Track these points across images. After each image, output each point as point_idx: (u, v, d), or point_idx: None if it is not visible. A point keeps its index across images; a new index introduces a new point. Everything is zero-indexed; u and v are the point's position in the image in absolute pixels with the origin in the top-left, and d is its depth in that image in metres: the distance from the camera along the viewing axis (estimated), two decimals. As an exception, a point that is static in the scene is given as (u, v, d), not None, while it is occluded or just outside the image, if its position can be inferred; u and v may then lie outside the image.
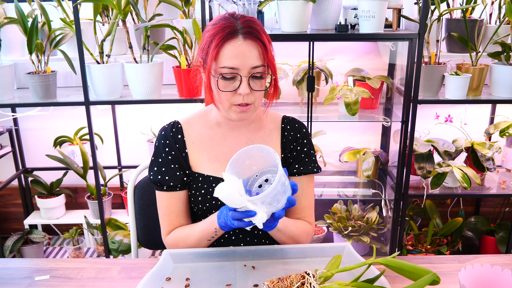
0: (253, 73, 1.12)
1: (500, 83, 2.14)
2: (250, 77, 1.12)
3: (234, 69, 1.10)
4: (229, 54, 1.10)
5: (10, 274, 1.17)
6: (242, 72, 1.11)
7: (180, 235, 1.24)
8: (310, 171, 1.28)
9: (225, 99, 1.14)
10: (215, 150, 1.25)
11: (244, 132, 1.27)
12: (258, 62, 1.11)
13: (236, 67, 1.10)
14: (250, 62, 1.10)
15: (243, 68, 1.10)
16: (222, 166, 1.24)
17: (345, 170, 2.62)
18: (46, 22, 2.12)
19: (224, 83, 1.12)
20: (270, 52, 1.13)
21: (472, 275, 0.96)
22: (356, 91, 2.17)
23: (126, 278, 1.14)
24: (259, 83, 1.14)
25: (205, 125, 1.27)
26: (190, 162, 1.25)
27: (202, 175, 1.24)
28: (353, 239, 2.37)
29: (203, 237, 1.19)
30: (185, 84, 2.13)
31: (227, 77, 1.11)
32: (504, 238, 2.49)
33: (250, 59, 1.10)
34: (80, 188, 2.81)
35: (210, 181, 1.23)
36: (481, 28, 2.18)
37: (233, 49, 1.10)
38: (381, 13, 1.98)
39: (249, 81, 1.12)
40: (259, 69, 1.12)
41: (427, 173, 2.22)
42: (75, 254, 2.61)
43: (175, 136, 1.25)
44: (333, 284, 0.95)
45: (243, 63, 1.10)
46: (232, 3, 1.96)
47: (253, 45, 1.11)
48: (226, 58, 1.10)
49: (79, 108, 2.53)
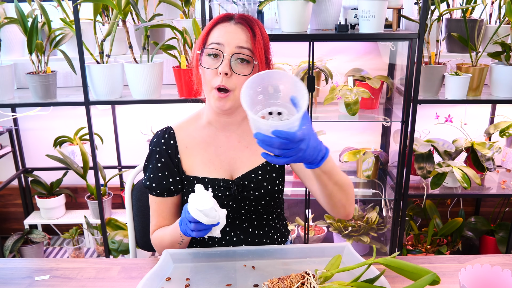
0: (236, 53, 1.12)
1: (500, 83, 2.14)
2: (233, 58, 1.12)
3: (219, 45, 1.12)
4: (217, 33, 1.13)
5: (10, 274, 1.17)
6: (226, 49, 1.12)
7: (158, 236, 1.26)
8: None
9: (207, 80, 1.15)
10: (208, 152, 1.25)
11: (235, 130, 1.27)
12: (244, 44, 1.12)
13: (221, 42, 1.12)
14: (236, 42, 1.11)
15: (227, 45, 1.11)
16: (216, 167, 1.24)
17: (345, 170, 2.62)
18: (46, 22, 2.12)
19: (208, 60, 1.14)
20: (258, 41, 1.13)
21: (472, 275, 0.96)
22: (356, 91, 2.17)
23: (126, 278, 1.14)
24: (242, 68, 1.13)
25: (197, 127, 1.28)
26: (183, 167, 1.25)
27: (197, 178, 1.24)
28: (353, 239, 2.37)
29: (174, 241, 1.20)
30: (185, 84, 2.13)
31: (212, 52, 1.13)
32: (504, 238, 2.49)
33: (237, 39, 1.12)
34: (80, 188, 2.81)
35: (205, 182, 1.23)
36: (481, 28, 2.18)
37: (222, 28, 1.13)
38: (381, 13, 1.98)
39: (232, 63, 1.12)
40: (244, 52, 1.12)
41: (427, 173, 2.22)
42: (75, 254, 2.61)
43: (167, 142, 1.26)
44: (333, 284, 0.95)
45: (228, 40, 1.11)
46: (232, 3, 1.96)
47: (242, 29, 1.13)
48: (213, 36, 1.14)
49: (79, 108, 2.53)
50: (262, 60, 1.15)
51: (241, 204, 1.24)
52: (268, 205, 1.27)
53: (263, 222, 1.30)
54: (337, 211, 1.18)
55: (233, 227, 1.27)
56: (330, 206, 1.17)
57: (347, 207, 1.16)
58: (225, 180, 1.23)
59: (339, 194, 1.11)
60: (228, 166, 1.25)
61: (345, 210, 1.17)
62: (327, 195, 1.12)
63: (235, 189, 1.23)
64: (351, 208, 1.18)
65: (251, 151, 1.26)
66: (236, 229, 1.27)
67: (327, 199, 1.14)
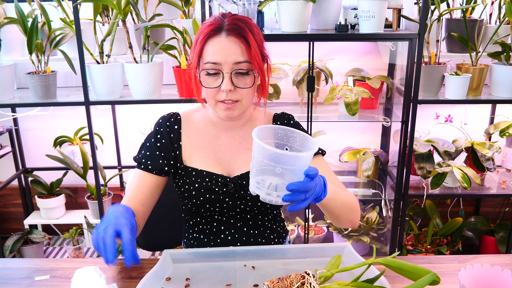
0: (236, 69, 1.11)
1: (500, 83, 2.14)
2: (233, 73, 1.12)
3: (216, 65, 1.11)
4: (211, 50, 1.11)
5: (10, 274, 1.17)
6: (224, 68, 1.11)
7: None
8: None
9: (210, 96, 1.15)
10: (207, 148, 1.26)
11: (237, 131, 1.27)
12: (241, 58, 1.11)
13: (218, 62, 1.10)
14: (232, 58, 1.10)
15: (224, 64, 1.10)
16: (214, 163, 1.25)
17: (345, 170, 2.62)
18: (46, 22, 2.12)
19: (208, 79, 1.13)
20: (254, 50, 1.11)
21: (472, 275, 0.96)
22: (356, 91, 2.17)
23: (126, 278, 1.14)
24: (244, 80, 1.13)
25: (203, 121, 1.28)
26: (182, 156, 1.25)
27: (195, 169, 1.24)
28: (353, 239, 2.38)
29: None
30: (185, 84, 2.13)
31: (211, 72, 1.12)
32: (504, 238, 2.49)
33: (232, 55, 1.10)
34: (80, 188, 2.81)
35: (203, 175, 1.23)
36: (481, 28, 2.18)
37: (215, 45, 1.11)
38: (381, 13, 1.98)
39: (233, 78, 1.12)
40: (243, 65, 1.11)
41: (427, 173, 2.22)
42: (75, 254, 2.61)
43: (171, 126, 1.26)
44: (333, 284, 0.95)
45: (224, 59, 1.10)
46: (232, 3, 1.96)
47: (235, 42, 1.11)
48: (208, 54, 1.12)
49: (79, 108, 2.52)
50: (261, 67, 1.14)
51: (237, 202, 1.24)
52: (264, 207, 1.27)
53: (258, 222, 1.30)
54: (344, 226, 1.21)
55: (228, 226, 1.27)
56: (337, 223, 1.19)
57: (354, 220, 1.19)
58: (223, 177, 1.23)
59: (346, 212, 1.14)
60: (227, 165, 1.25)
61: (352, 224, 1.20)
62: (335, 218, 1.15)
63: (232, 187, 1.23)
64: (357, 220, 1.20)
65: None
66: (231, 228, 1.28)
67: (336, 220, 1.17)
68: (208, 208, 1.24)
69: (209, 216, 1.27)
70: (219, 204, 1.23)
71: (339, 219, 1.15)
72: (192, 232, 1.32)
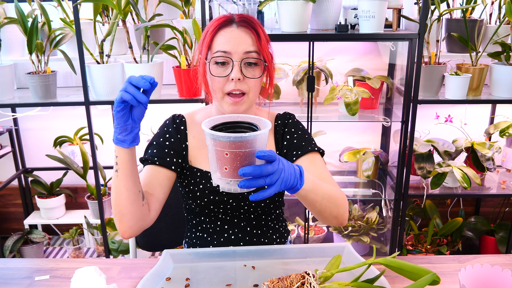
0: (245, 59, 1.12)
1: (500, 83, 2.14)
2: (243, 63, 1.13)
3: (227, 53, 1.12)
4: (222, 39, 1.13)
5: (10, 274, 1.17)
6: (234, 56, 1.12)
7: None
8: (307, 151, 1.23)
9: (218, 87, 1.14)
10: None
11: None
12: (251, 48, 1.12)
13: (228, 50, 1.11)
14: (243, 47, 1.12)
15: (235, 53, 1.11)
16: None
17: (345, 170, 2.62)
18: (46, 22, 2.12)
19: (217, 68, 1.14)
20: (263, 41, 1.14)
21: (472, 275, 0.96)
22: (356, 91, 2.17)
23: (126, 278, 1.14)
24: (252, 71, 1.14)
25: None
26: (189, 156, 1.26)
27: (200, 170, 1.24)
28: (353, 239, 2.37)
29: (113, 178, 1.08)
30: (185, 84, 2.13)
31: (220, 61, 1.13)
32: (504, 238, 2.49)
33: (243, 44, 1.12)
34: (80, 188, 2.81)
35: (208, 176, 1.23)
36: (481, 28, 2.18)
37: (226, 34, 1.13)
38: (381, 13, 1.98)
39: (242, 68, 1.13)
40: (253, 55, 1.13)
41: (427, 173, 2.22)
42: (75, 254, 2.61)
43: (178, 127, 1.26)
44: (333, 284, 0.95)
45: (235, 47, 1.11)
46: (232, 3, 1.96)
47: (246, 32, 1.13)
48: (219, 43, 1.13)
49: (79, 108, 2.53)
50: (269, 59, 1.16)
51: (241, 203, 1.24)
52: (267, 207, 1.27)
53: (261, 222, 1.30)
54: (329, 223, 1.16)
55: (231, 225, 1.28)
56: (322, 219, 1.14)
57: (339, 217, 1.13)
58: None
59: (330, 207, 1.09)
60: None
61: (337, 220, 1.14)
62: (318, 212, 1.10)
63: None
64: (343, 218, 1.14)
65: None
66: (234, 227, 1.28)
67: (319, 215, 1.12)
68: (212, 209, 1.24)
69: (213, 216, 1.28)
70: (223, 205, 1.24)
71: (322, 214, 1.10)
72: (195, 231, 1.33)
